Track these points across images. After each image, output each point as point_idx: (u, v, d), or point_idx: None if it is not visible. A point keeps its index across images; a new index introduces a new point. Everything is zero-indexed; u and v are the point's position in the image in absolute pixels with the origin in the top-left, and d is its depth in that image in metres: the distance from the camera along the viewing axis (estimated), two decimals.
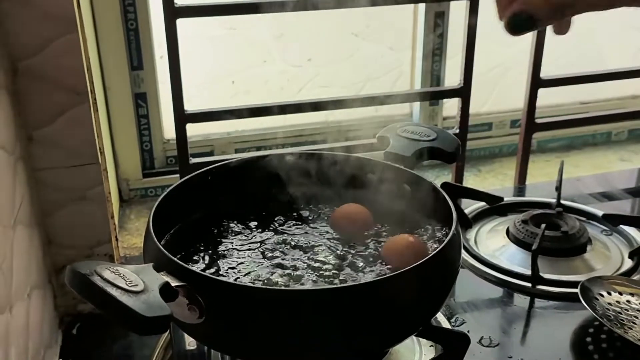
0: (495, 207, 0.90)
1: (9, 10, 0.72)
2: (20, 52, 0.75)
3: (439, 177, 1.28)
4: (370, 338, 0.55)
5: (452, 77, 1.22)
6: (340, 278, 0.59)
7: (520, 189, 1.10)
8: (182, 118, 0.93)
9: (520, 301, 0.76)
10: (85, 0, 1.00)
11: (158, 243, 0.55)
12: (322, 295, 0.51)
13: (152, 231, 0.57)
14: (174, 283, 0.50)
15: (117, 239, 0.92)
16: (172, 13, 0.88)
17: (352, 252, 0.63)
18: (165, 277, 0.49)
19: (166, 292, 0.48)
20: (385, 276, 0.56)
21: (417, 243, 0.63)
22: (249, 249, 0.63)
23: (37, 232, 0.80)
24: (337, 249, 0.64)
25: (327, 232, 0.67)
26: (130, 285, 0.46)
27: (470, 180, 1.33)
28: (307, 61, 1.33)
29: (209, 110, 0.96)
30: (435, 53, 1.31)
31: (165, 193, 0.64)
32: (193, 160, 0.96)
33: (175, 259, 0.52)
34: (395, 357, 0.65)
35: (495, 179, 1.34)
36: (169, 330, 0.71)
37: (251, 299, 0.50)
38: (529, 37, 1.08)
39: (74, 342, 0.82)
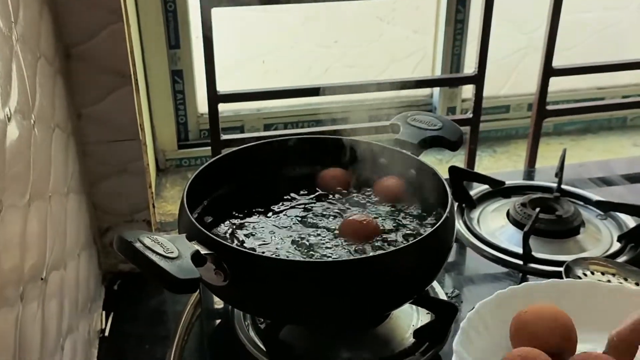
0: (501, 189, 0.98)
1: (64, 2, 0.81)
2: (72, 40, 0.83)
3: (456, 156, 1.35)
4: (372, 303, 0.64)
5: (473, 60, 1.28)
6: (350, 250, 0.68)
7: (530, 172, 1.16)
8: (215, 98, 1.01)
9: (512, 277, 0.84)
10: None
11: (191, 216, 0.64)
12: (327, 266, 0.60)
13: (185, 206, 0.66)
14: (203, 251, 0.59)
15: (154, 207, 1.02)
16: (208, 1, 0.96)
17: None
18: (196, 246, 0.59)
19: (196, 258, 0.57)
20: (386, 251, 0.65)
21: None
22: (272, 223, 0.72)
23: (85, 199, 0.90)
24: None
25: (340, 210, 0.75)
26: (167, 252, 0.55)
27: (485, 161, 1.40)
28: (333, 43, 1.40)
29: (239, 92, 1.04)
30: (457, 38, 1.37)
31: (197, 172, 0.73)
32: (224, 137, 1.04)
33: (204, 230, 0.61)
34: (395, 320, 0.74)
35: (509, 160, 1.41)
36: (198, 290, 0.81)
37: (267, 268, 0.59)
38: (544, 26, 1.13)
39: (115, 297, 0.91)
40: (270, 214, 0.74)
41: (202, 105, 1.34)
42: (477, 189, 0.99)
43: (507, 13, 1.20)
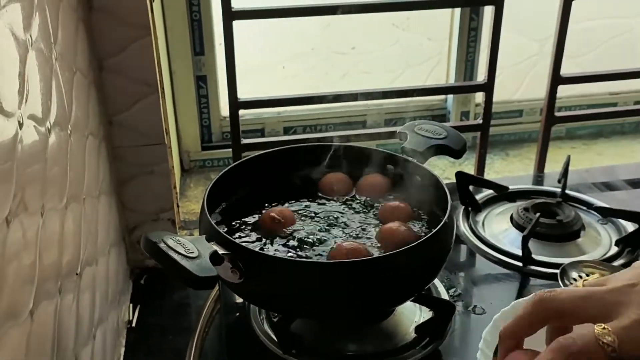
0: (507, 193, 1.02)
1: (96, 18, 0.87)
2: (105, 53, 0.90)
3: (468, 159, 1.39)
4: (375, 300, 0.70)
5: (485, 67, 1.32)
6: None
7: (538, 176, 1.21)
8: (235, 105, 1.07)
9: (513, 278, 0.89)
10: None
11: (210, 219, 0.71)
12: (332, 267, 0.66)
13: (206, 209, 0.72)
14: (221, 251, 0.65)
15: (178, 206, 1.09)
16: (230, 16, 1.02)
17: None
18: (214, 247, 0.65)
19: (214, 258, 0.63)
20: (388, 253, 0.70)
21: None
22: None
23: (114, 199, 0.96)
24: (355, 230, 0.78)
25: (352, 213, 0.81)
26: (188, 252, 0.62)
27: (497, 164, 1.44)
28: (351, 49, 1.44)
29: (258, 99, 1.10)
30: (470, 45, 1.41)
31: (217, 177, 0.80)
32: (244, 141, 1.10)
33: (221, 232, 0.68)
34: (399, 316, 0.80)
35: (520, 164, 1.44)
36: (218, 286, 0.87)
37: (277, 267, 0.65)
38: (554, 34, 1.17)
39: (142, 291, 0.98)
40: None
41: (225, 109, 1.40)
42: (483, 193, 1.04)
43: (521, 20, 1.24)
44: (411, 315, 0.80)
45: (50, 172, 0.61)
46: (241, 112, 1.08)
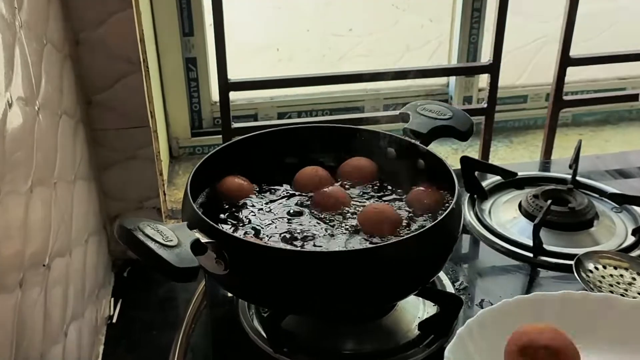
0: (514, 180, 0.96)
1: None
2: (81, 25, 0.83)
3: (472, 146, 1.33)
4: (375, 294, 0.63)
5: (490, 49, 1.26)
6: (351, 241, 0.67)
7: (545, 163, 1.14)
8: (226, 86, 1.01)
9: (522, 270, 0.83)
10: None
11: (193, 204, 0.64)
12: (328, 257, 0.60)
13: (189, 193, 0.66)
14: (204, 240, 0.59)
15: (164, 194, 1.02)
16: None
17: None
18: (196, 234, 0.59)
19: (197, 247, 0.57)
20: (389, 242, 0.64)
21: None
22: (272, 212, 0.71)
23: (94, 186, 0.90)
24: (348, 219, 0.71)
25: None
26: (166, 240, 0.55)
27: (501, 151, 1.38)
28: (348, 31, 1.38)
29: (250, 80, 1.03)
30: (473, 26, 1.35)
31: (202, 160, 0.73)
32: (235, 125, 1.04)
33: (205, 218, 0.61)
34: (400, 312, 0.73)
35: (525, 151, 1.39)
36: (205, 279, 0.81)
37: (266, 257, 0.59)
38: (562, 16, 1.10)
39: (125, 284, 0.91)
40: (275, 201, 0.73)
41: (216, 94, 1.34)
42: (489, 180, 0.98)
43: (524, 2, 1.18)
44: (414, 310, 0.73)
45: (10, 150, 0.54)
46: (233, 96, 1.02)
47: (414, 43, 1.40)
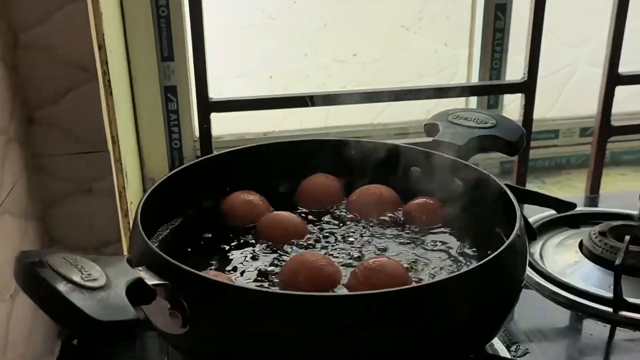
0: (565, 217, 0.77)
1: None
2: (21, 23, 0.67)
3: (503, 180, 1.15)
4: None
5: (514, 76, 1.09)
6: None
7: (592, 199, 0.96)
8: (206, 106, 0.84)
9: (598, 329, 0.62)
10: None
11: (142, 232, 0.44)
12: (339, 303, 0.39)
13: (138, 219, 0.46)
14: (152, 281, 0.39)
15: (131, 239, 0.83)
16: None
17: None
18: (140, 273, 0.38)
19: (137, 291, 0.37)
20: (424, 283, 0.43)
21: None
22: (249, 245, 0.51)
23: (33, 226, 0.71)
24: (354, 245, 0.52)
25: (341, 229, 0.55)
26: (87, 279, 0.35)
27: None
28: (352, 56, 1.22)
29: (236, 99, 0.86)
30: (495, 50, 1.18)
31: (162, 179, 0.54)
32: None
33: (156, 249, 0.41)
34: None
35: (562, 192, 1.20)
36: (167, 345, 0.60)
37: (246, 305, 0.38)
38: (605, 31, 0.95)
39: (74, 354, 0.72)
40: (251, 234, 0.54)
41: None
42: (536, 217, 0.79)
43: (550, 22, 1.02)
44: None
45: None
46: (218, 130, 0.85)
47: (426, 70, 1.23)
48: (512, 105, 1.26)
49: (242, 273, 0.48)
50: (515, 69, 1.16)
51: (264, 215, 0.56)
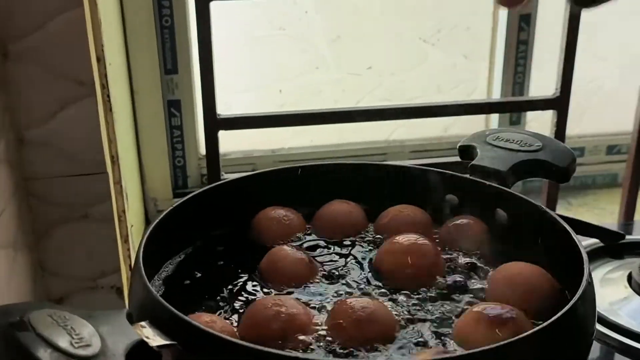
0: (609, 247, 0.70)
1: None
2: (11, 31, 0.62)
3: None
4: None
5: (539, 92, 1.03)
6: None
7: (627, 225, 0.89)
8: (214, 123, 0.77)
9: None
10: None
11: (145, 278, 0.37)
12: None
13: (140, 262, 0.39)
14: (156, 342, 0.32)
15: (130, 268, 0.76)
16: None
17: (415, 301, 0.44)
18: (143, 331, 0.32)
19: (139, 356, 0.30)
20: (489, 347, 0.36)
21: None
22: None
23: (23, 256, 0.65)
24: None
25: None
26: (78, 344, 0.29)
27: None
28: (366, 69, 1.17)
29: (246, 115, 0.80)
30: (519, 63, 1.12)
31: (167, 210, 0.47)
32: (226, 177, 0.79)
33: (161, 300, 0.34)
34: None
35: (590, 214, 1.13)
36: None
37: None
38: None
39: None
40: None
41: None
42: None
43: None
44: None
45: None
46: (226, 147, 0.80)
47: (445, 84, 1.18)
48: (534, 123, 1.20)
49: None
50: (540, 82, 1.10)
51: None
